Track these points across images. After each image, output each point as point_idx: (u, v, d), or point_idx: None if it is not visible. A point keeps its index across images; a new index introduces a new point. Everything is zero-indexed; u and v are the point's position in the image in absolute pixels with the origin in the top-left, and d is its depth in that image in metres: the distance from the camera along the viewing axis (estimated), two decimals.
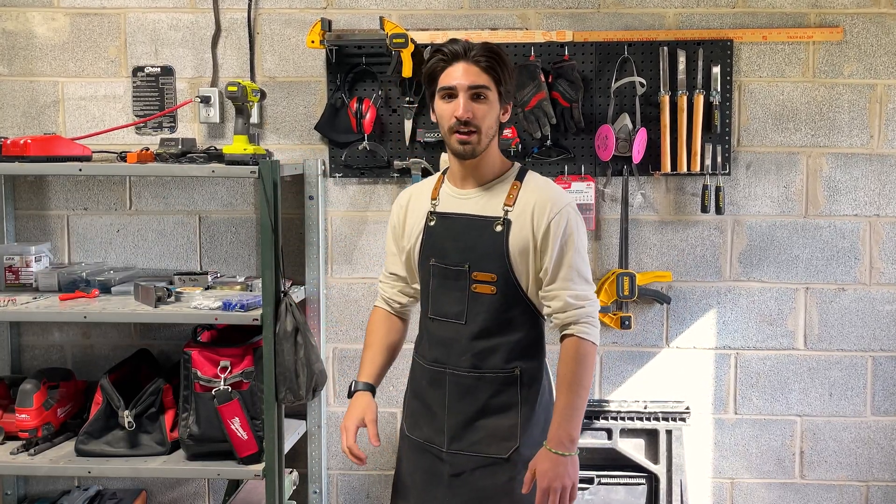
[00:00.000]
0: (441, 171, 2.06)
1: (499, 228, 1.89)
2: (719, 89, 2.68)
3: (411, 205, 2.04)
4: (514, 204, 1.90)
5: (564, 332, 1.90)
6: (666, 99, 2.67)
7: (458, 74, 1.84)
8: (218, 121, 2.77)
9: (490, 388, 1.92)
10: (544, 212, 1.87)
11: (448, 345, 1.94)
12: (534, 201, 1.89)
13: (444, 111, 1.87)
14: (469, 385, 1.92)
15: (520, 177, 1.95)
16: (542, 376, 1.99)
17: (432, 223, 1.97)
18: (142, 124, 2.80)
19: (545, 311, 1.94)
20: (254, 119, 2.74)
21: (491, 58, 1.85)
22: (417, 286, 2.07)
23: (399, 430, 2.07)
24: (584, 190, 2.72)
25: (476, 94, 1.85)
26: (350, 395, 2.04)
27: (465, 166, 1.93)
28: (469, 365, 1.92)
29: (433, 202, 1.99)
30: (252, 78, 2.79)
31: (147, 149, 2.52)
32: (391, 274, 2.11)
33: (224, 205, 2.85)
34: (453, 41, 1.88)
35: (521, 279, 1.90)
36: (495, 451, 1.91)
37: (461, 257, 1.91)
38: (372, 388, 2.05)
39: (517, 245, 1.88)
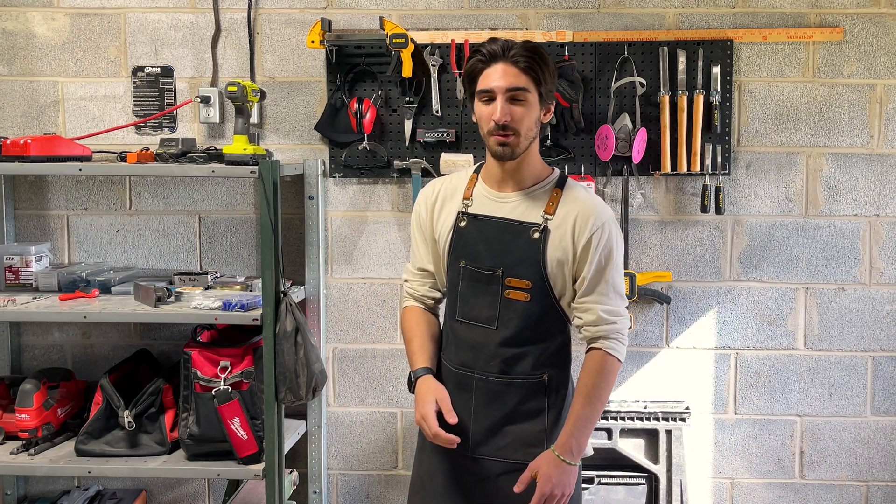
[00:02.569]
0: (474, 169, 2.01)
1: (536, 235, 1.85)
2: (719, 89, 2.68)
3: (438, 202, 1.99)
4: (554, 213, 1.86)
5: (592, 346, 1.88)
6: (666, 99, 2.67)
7: (496, 76, 1.80)
8: (218, 121, 2.77)
9: (518, 394, 1.89)
10: (587, 224, 1.84)
11: (477, 349, 1.91)
12: (576, 212, 1.86)
13: (483, 113, 1.84)
14: (497, 390, 1.89)
15: (560, 184, 1.91)
16: (568, 383, 1.97)
17: (463, 224, 1.92)
18: (142, 124, 2.80)
19: (575, 322, 1.91)
20: (254, 119, 2.74)
21: (530, 58, 1.80)
22: (433, 281, 2.04)
23: (419, 431, 2.05)
24: (591, 190, 2.71)
25: (514, 96, 1.81)
26: (410, 386, 1.95)
27: (504, 169, 1.89)
28: (498, 370, 1.88)
29: (465, 202, 1.94)
30: (252, 78, 2.79)
31: (147, 149, 2.52)
32: (421, 270, 2.05)
33: (224, 205, 2.85)
34: (493, 41, 1.84)
35: (556, 288, 1.87)
36: (522, 457, 1.88)
37: (494, 262, 1.88)
38: (432, 371, 1.95)
39: (555, 254, 1.85)
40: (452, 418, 1.84)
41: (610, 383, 1.87)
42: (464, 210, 1.93)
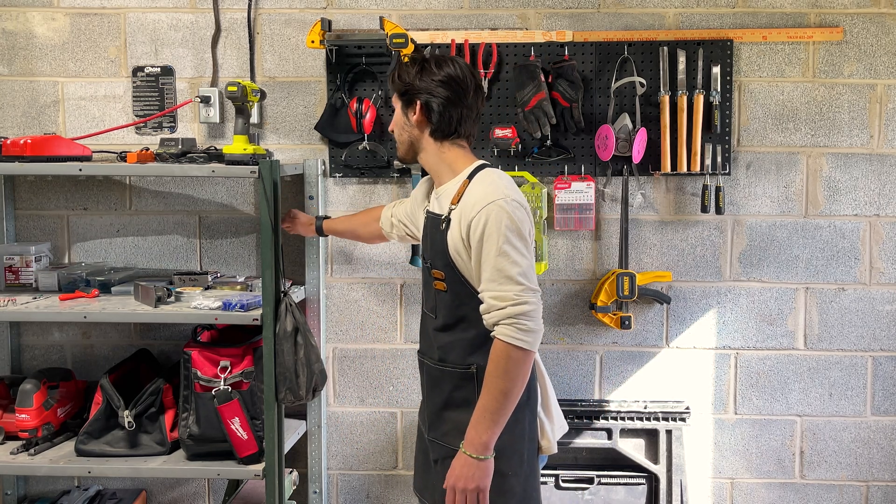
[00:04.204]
0: None
1: (443, 227, 1.94)
2: (719, 89, 2.68)
3: (415, 194, 2.24)
4: (458, 203, 1.92)
5: (492, 333, 1.84)
6: (666, 99, 2.67)
7: None
8: (218, 121, 2.77)
9: (452, 382, 1.96)
10: (466, 213, 1.86)
11: (425, 336, 2.06)
12: (465, 201, 1.89)
13: None
14: (437, 377, 2.00)
15: (472, 175, 1.94)
16: None
17: (423, 222, 2.08)
18: (142, 124, 2.80)
19: None
20: (254, 119, 2.74)
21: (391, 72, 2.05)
22: (400, 232, 2.36)
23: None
24: (584, 190, 2.72)
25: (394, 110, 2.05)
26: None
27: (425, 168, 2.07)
28: (437, 358, 1.99)
29: (428, 199, 2.11)
30: (252, 78, 2.79)
31: (147, 149, 2.52)
32: (399, 212, 2.34)
33: (224, 205, 2.85)
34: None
35: (469, 277, 1.91)
36: (458, 445, 1.89)
37: (427, 254, 2.03)
38: (321, 219, 2.56)
39: (453, 244, 1.91)
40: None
41: (509, 371, 1.79)
42: (427, 206, 2.09)
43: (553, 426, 2.03)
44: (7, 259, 2.68)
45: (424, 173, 2.71)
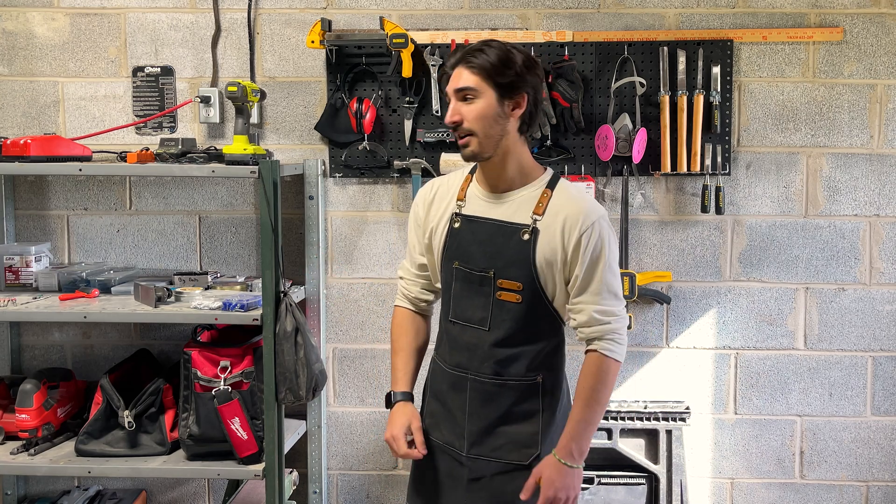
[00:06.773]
0: (469, 170, 2.00)
1: (526, 237, 1.85)
2: (719, 89, 2.68)
3: (436, 201, 1.99)
4: (543, 213, 1.85)
5: (589, 347, 1.88)
6: (666, 99, 2.67)
7: (451, 81, 1.84)
8: (218, 121, 2.77)
9: (512, 396, 1.89)
10: (576, 225, 1.82)
11: (471, 350, 1.91)
12: (565, 212, 1.84)
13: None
14: (492, 392, 1.89)
15: (551, 184, 1.89)
16: (563, 383, 1.98)
17: (457, 225, 1.92)
18: (142, 124, 2.80)
19: (570, 323, 1.90)
20: (254, 119, 2.74)
21: (480, 55, 1.79)
22: (439, 284, 2.02)
23: None
24: (584, 190, 2.72)
25: (463, 96, 1.81)
26: (388, 404, 1.99)
27: (486, 170, 1.89)
28: (492, 372, 1.88)
29: (459, 203, 1.94)
30: (252, 78, 2.79)
31: (147, 149, 2.52)
32: (416, 267, 2.05)
33: (224, 205, 2.85)
34: (458, 48, 1.86)
35: (548, 289, 1.86)
36: (516, 458, 1.89)
37: (487, 263, 1.87)
38: (411, 397, 2.00)
39: (544, 255, 1.84)
40: (420, 453, 1.92)
41: (608, 384, 1.86)
42: (458, 211, 1.93)
43: None
44: (7, 259, 2.68)
45: (426, 174, 2.74)
